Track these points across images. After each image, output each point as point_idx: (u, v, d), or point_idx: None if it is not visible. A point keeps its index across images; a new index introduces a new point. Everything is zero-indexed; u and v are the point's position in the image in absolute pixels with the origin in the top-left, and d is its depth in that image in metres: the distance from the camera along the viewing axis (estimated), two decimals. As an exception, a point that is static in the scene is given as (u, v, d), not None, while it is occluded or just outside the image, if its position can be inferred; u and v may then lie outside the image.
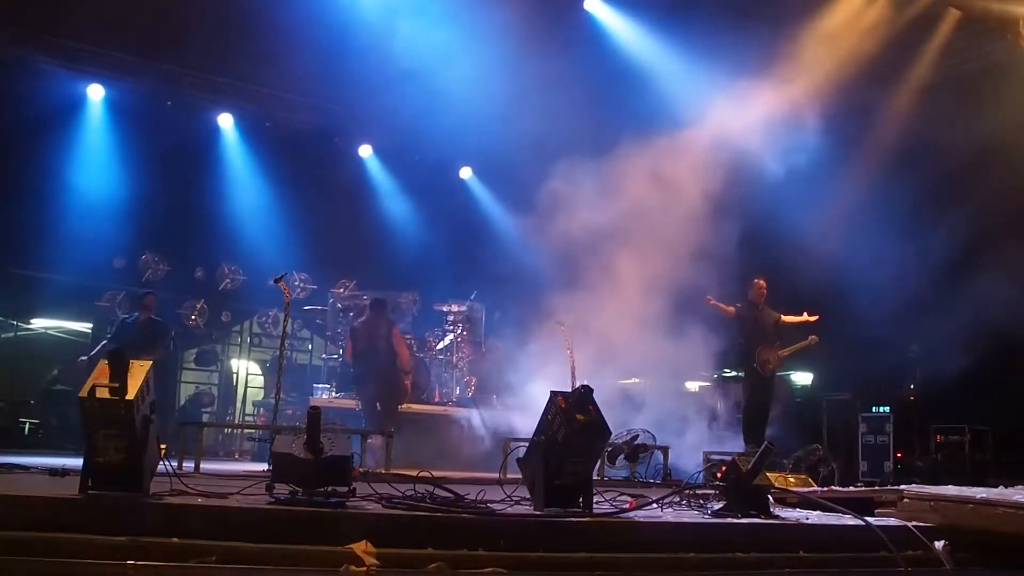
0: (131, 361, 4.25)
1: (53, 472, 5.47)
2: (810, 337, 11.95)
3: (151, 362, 4.42)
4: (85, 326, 14.28)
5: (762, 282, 12.02)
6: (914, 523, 4.92)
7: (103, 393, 4.12)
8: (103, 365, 4.21)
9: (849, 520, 4.92)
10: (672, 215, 11.95)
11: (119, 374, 4.18)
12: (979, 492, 5.43)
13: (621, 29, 13.56)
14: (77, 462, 4.37)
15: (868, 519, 4.86)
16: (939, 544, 4.71)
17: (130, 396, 4.14)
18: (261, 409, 14.83)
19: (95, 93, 13.94)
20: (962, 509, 4.97)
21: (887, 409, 14.16)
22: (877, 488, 5.78)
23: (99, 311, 13.96)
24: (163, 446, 4.65)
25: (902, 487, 5.53)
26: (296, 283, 14.94)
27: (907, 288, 12.25)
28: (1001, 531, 4.75)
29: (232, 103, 14.86)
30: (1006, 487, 6.95)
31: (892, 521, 5.10)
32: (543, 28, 11.93)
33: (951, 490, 5.60)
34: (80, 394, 4.12)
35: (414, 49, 12.02)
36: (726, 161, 11.93)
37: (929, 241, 12.21)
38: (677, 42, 12.86)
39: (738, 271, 11.99)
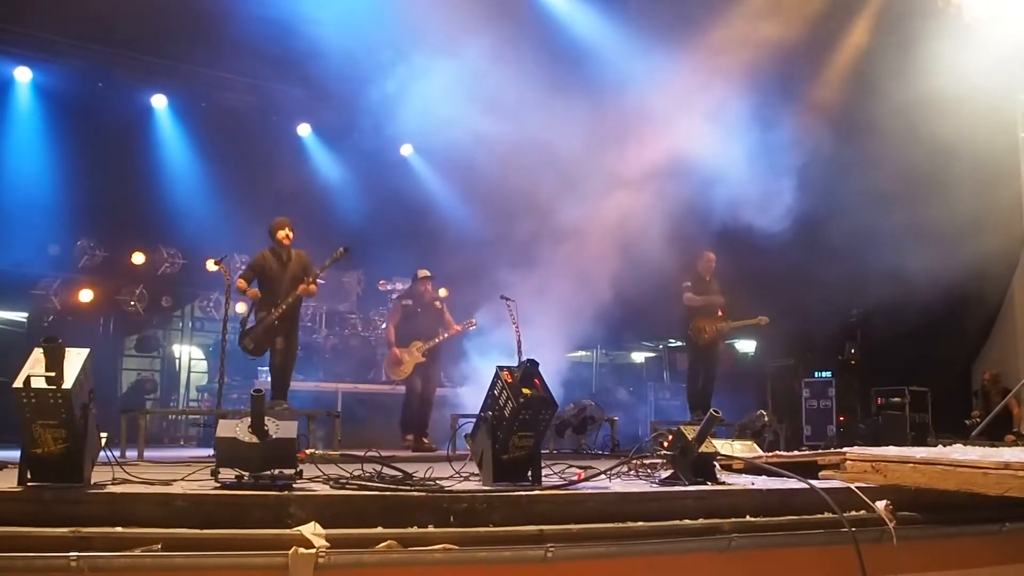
0: (67, 349, 4.15)
1: (-10, 465, 5.34)
2: (759, 317, 12.08)
3: (88, 349, 4.32)
4: (20, 315, 13.92)
5: (711, 255, 12.12)
6: (857, 484, 5.01)
7: (39, 383, 4.02)
8: (38, 353, 4.10)
9: (794, 484, 5.00)
10: (614, 188, 12.01)
11: (55, 363, 4.08)
12: (919, 452, 5.54)
13: (560, 3, 13.53)
14: (15, 454, 4.26)
15: (812, 482, 4.94)
16: (881, 504, 4.81)
17: (67, 385, 4.04)
18: (205, 394, 14.63)
19: (22, 75, 13.40)
20: (903, 469, 5.08)
21: (829, 374, 14.48)
22: (821, 451, 5.87)
23: (34, 299, 13.61)
24: (103, 434, 4.56)
25: (845, 450, 5.63)
26: (237, 265, 14.68)
27: (847, 252, 12.46)
28: (940, 488, 4.87)
29: (166, 83, 14.42)
30: (944, 445, 7.13)
31: (835, 483, 5.19)
32: (483, 3, 11.86)
33: (892, 451, 5.72)
34: (14, 384, 4.01)
35: (352, 25, 11.85)
36: (666, 130, 11.98)
37: (867, 204, 12.41)
38: (620, 17, 12.89)
39: (683, 243, 12.09)
